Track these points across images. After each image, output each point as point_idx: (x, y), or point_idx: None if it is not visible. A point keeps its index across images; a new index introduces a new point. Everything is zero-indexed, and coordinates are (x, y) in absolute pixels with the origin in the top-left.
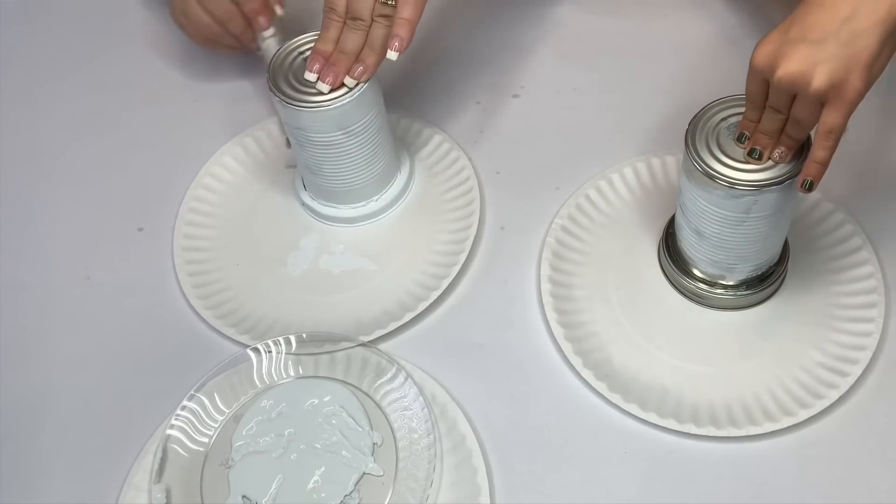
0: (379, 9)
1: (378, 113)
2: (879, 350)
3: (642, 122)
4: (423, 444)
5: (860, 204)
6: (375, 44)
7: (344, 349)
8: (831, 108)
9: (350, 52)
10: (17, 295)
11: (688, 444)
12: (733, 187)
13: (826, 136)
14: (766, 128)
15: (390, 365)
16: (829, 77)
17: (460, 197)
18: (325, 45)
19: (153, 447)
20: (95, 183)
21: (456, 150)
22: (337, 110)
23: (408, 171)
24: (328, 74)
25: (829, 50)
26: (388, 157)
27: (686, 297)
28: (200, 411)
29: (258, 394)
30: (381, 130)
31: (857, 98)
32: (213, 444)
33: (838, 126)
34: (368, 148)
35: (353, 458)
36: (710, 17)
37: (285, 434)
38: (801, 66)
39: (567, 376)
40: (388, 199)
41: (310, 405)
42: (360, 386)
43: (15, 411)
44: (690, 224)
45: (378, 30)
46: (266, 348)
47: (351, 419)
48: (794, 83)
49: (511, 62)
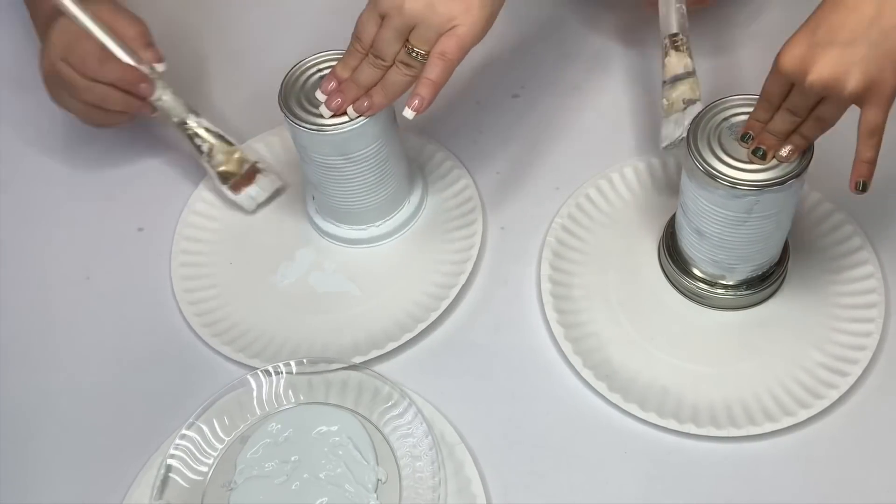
0: (403, 56)
1: (385, 143)
2: (879, 350)
3: (642, 122)
4: (429, 485)
5: (860, 204)
6: (388, 86)
7: (336, 370)
8: (870, 106)
9: (362, 85)
10: (18, 295)
11: (688, 444)
12: (735, 187)
13: (870, 135)
14: (778, 128)
15: (402, 398)
16: (864, 78)
17: (463, 228)
18: (343, 71)
19: (156, 461)
20: (95, 183)
21: (458, 168)
22: (337, 136)
23: (418, 199)
24: (334, 99)
25: (861, 51)
26: (396, 186)
27: (686, 296)
28: (206, 429)
29: (266, 416)
30: (389, 160)
31: (893, 93)
32: (217, 465)
33: (880, 124)
34: (371, 175)
35: (355, 493)
36: (710, 18)
37: (290, 461)
38: (834, 70)
39: (567, 376)
40: (392, 226)
41: (317, 433)
42: (370, 417)
43: (14, 412)
44: (691, 224)
45: (395, 74)
46: (276, 370)
47: (357, 452)
48: (828, 87)
49: (511, 62)
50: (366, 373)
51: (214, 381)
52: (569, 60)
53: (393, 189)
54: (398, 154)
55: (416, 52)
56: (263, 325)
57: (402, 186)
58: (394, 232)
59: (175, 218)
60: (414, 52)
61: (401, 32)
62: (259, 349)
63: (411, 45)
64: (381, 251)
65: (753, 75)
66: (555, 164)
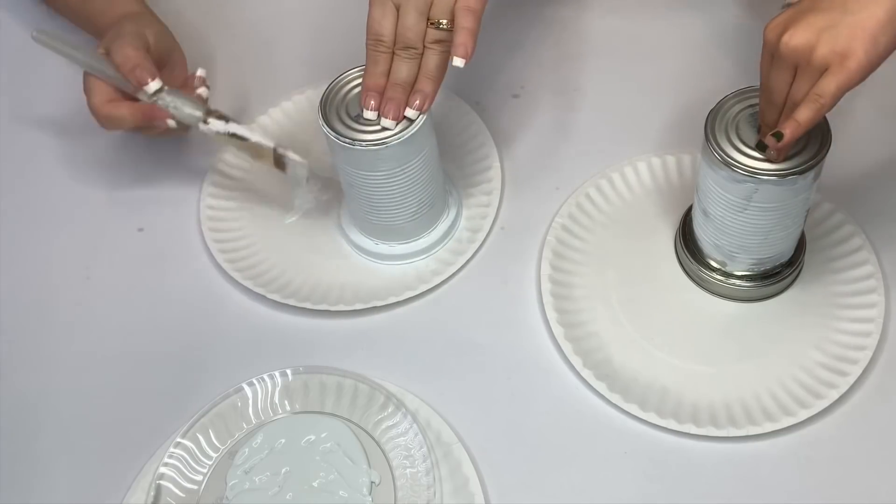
0: (432, 34)
1: (433, 146)
2: (879, 350)
3: (642, 122)
4: (423, 483)
5: (860, 204)
6: (432, 71)
7: (329, 376)
8: (829, 74)
9: (406, 83)
10: (18, 295)
11: (688, 444)
12: (733, 169)
13: (815, 99)
14: (766, 119)
15: (388, 400)
16: (832, 44)
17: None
18: (377, 80)
19: (150, 468)
20: (95, 183)
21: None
22: (397, 143)
23: (446, 228)
24: (388, 109)
25: (836, 18)
26: (427, 206)
27: (691, 279)
28: (195, 448)
29: (253, 430)
30: (438, 161)
31: (858, 69)
32: (207, 482)
33: (829, 93)
34: (425, 178)
35: (350, 497)
36: (710, 17)
37: (281, 473)
38: (806, 33)
39: (567, 376)
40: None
41: (306, 442)
42: (359, 421)
43: (14, 412)
44: (700, 203)
45: (433, 56)
46: (262, 381)
47: (347, 458)
48: (798, 50)
49: (511, 62)
50: (357, 378)
51: (215, 383)
52: (569, 60)
53: (424, 209)
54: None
55: (443, 25)
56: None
57: (429, 211)
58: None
59: (175, 218)
60: (440, 25)
61: (422, 12)
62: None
63: (436, 19)
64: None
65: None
66: (555, 164)
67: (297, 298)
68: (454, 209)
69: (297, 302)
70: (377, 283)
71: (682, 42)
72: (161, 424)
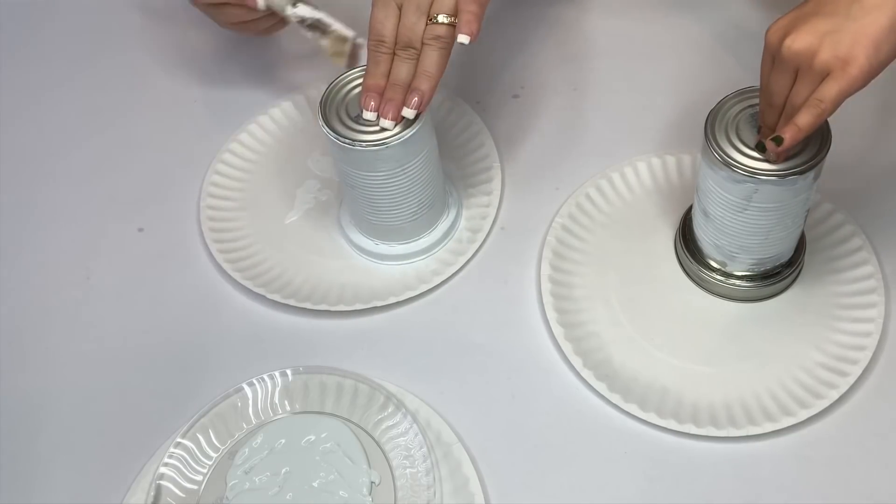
0: (430, 31)
1: (433, 145)
2: (879, 350)
3: (642, 122)
4: (423, 483)
5: (860, 204)
6: (430, 68)
7: (329, 376)
8: (831, 79)
9: (405, 83)
10: (17, 295)
11: (688, 444)
12: (732, 169)
13: (815, 104)
14: (766, 121)
15: (388, 400)
16: (834, 49)
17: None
18: (378, 80)
19: (146, 479)
20: (95, 183)
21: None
22: (398, 144)
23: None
24: (387, 109)
25: (839, 24)
26: (437, 186)
27: (691, 279)
28: (195, 448)
29: (253, 430)
30: (438, 160)
31: (860, 76)
32: (207, 482)
33: (830, 98)
34: (426, 178)
35: (350, 498)
36: (710, 17)
37: (281, 473)
38: (809, 37)
39: (567, 376)
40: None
41: (306, 442)
42: (359, 421)
43: (14, 412)
44: (700, 203)
45: (430, 53)
46: (262, 382)
47: (347, 458)
48: (800, 54)
49: (511, 62)
50: (357, 378)
51: (215, 383)
52: (569, 60)
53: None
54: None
55: (441, 20)
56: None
57: (429, 214)
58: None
59: (175, 218)
60: (438, 19)
61: (423, 10)
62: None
63: (436, 14)
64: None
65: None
66: (555, 164)
67: (298, 298)
68: (454, 209)
69: (298, 302)
70: (377, 284)
71: (682, 42)
72: (161, 424)
